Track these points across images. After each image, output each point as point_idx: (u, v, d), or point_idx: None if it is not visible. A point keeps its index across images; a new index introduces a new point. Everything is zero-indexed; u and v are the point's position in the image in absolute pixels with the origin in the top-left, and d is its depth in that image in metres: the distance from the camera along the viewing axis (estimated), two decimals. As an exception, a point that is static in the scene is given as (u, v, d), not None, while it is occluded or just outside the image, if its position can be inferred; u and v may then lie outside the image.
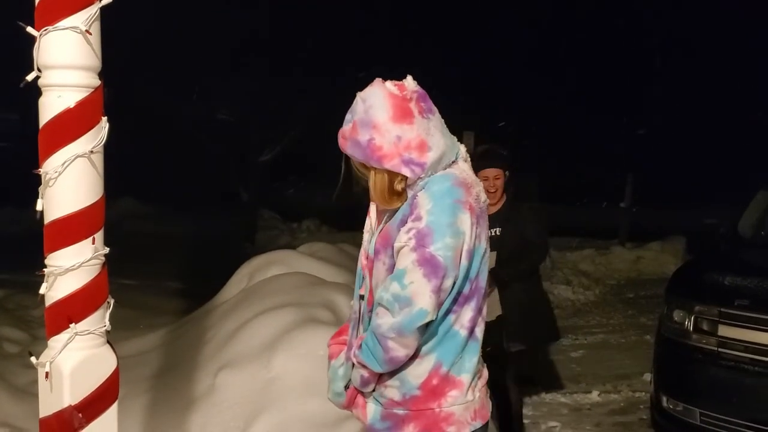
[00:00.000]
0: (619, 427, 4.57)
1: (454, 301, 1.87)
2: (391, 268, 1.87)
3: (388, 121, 1.84)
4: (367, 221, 2.06)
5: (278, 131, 11.12)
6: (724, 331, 3.77)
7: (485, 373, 2.03)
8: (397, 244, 1.84)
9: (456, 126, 2.09)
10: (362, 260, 2.01)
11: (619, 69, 15.19)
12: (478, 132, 6.66)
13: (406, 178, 1.87)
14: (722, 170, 13.71)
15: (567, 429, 4.42)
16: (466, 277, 1.87)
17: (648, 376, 4.88)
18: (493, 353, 3.67)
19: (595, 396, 5.07)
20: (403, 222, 1.85)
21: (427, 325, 1.82)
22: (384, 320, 1.81)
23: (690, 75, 14.71)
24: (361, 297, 2.00)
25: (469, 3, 12.93)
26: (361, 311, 2.00)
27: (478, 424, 1.93)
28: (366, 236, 2.04)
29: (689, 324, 3.90)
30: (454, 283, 1.84)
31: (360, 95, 1.90)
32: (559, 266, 9.28)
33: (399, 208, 1.91)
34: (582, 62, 15.27)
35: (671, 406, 3.94)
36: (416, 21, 11.71)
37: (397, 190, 1.90)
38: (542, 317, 3.94)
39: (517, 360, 3.85)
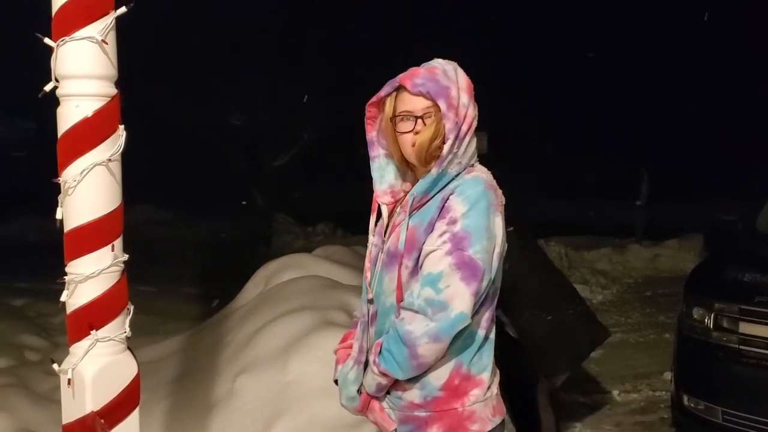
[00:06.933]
0: (640, 427, 4.53)
1: (480, 302, 1.86)
2: (414, 271, 1.83)
3: (468, 89, 1.89)
4: (371, 223, 1.99)
5: (292, 135, 11.17)
6: (745, 328, 3.72)
7: (497, 369, 2.03)
8: (427, 248, 1.80)
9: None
10: (368, 263, 1.97)
11: (633, 62, 15.04)
12: (491, 132, 6.55)
13: (441, 148, 1.84)
14: (740, 166, 13.55)
15: (587, 429, 4.39)
16: (492, 279, 1.87)
17: (668, 375, 4.84)
18: (522, 380, 3.39)
19: (615, 396, 5.03)
20: (431, 225, 1.82)
21: None
22: (415, 326, 1.77)
23: (705, 69, 14.55)
24: (370, 301, 1.96)
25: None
26: (370, 314, 1.96)
27: (498, 419, 1.93)
28: (375, 239, 1.98)
29: (709, 322, 3.86)
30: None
31: (440, 60, 1.94)
32: (575, 265, 9.22)
33: (424, 208, 1.85)
34: (595, 55, 15.12)
35: (693, 405, 3.89)
36: (427, 19, 11.66)
37: (433, 154, 1.85)
38: (571, 334, 3.45)
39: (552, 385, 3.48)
